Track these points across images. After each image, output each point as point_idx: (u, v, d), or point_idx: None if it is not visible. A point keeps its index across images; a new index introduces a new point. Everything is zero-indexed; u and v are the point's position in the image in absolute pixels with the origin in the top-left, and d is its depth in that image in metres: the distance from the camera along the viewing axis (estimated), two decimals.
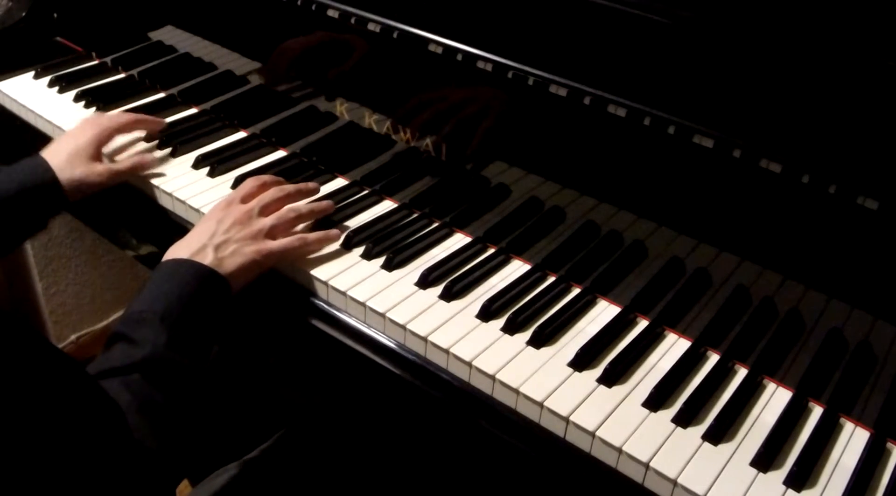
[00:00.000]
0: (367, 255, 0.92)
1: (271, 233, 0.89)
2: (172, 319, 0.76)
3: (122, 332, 0.75)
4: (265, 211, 0.91)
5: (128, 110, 1.19)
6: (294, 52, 1.07)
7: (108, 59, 1.34)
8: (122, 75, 1.31)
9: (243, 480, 0.90)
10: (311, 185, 0.98)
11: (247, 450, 0.95)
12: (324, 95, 1.06)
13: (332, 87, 1.05)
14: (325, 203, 0.96)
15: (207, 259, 0.83)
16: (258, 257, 0.86)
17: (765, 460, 0.71)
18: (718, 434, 0.73)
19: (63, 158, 0.97)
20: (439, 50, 0.89)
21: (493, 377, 0.78)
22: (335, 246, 0.94)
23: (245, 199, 0.92)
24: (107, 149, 1.05)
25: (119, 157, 1.07)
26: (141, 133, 1.12)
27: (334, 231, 0.93)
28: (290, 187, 0.95)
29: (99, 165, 1.00)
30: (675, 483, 0.69)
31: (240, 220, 0.88)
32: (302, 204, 0.95)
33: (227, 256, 0.84)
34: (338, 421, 0.98)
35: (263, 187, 0.94)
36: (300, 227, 0.94)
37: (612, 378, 0.78)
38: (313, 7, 0.99)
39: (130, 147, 1.10)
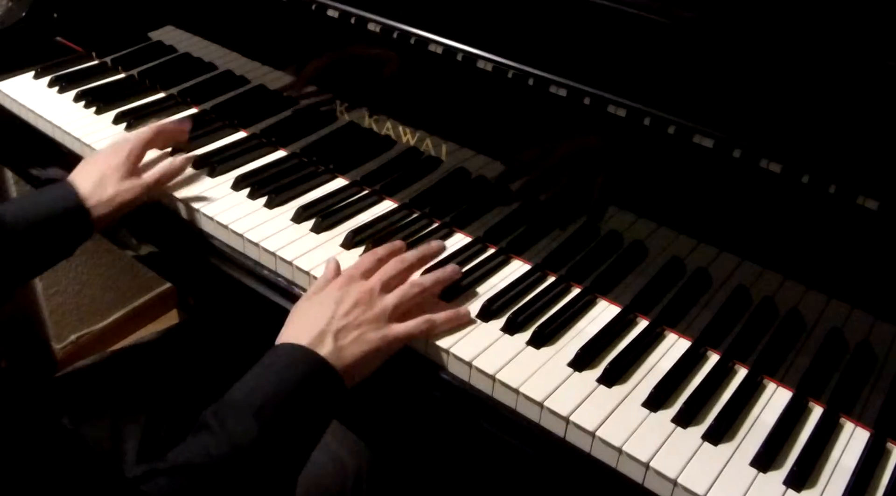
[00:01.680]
0: None
1: (395, 313, 0.81)
2: (268, 415, 0.69)
3: (208, 422, 0.68)
4: (387, 287, 0.82)
5: (130, 109, 1.19)
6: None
7: (108, 59, 1.34)
8: (122, 75, 1.31)
9: None
10: (433, 246, 0.90)
11: None
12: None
13: (332, 87, 1.05)
14: (450, 269, 0.87)
15: (325, 348, 0.75)
16: (382, 344, 0.78)
17: (765, 460, 0.71)
18: (718, 434, 0.73)
19: (91, 184, 0.93)
20: (439, 50, 0.89)
21: (493, 377, 0.78)
22: (335, 246, 0.94)
23: (365, 275, 0.84)
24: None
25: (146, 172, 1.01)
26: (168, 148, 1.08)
27: (464, 310, 0.84)
28: (410, 256, 0.87)
29: (127, 182, 0.96)
30: (675, 483, 0.69)
31: (361, 300, 0.80)
32: (427, 277, 0.85)
33: (347, 345, 0.76)
34: (336, 419, 0.98)
35: (382, 262, 0.86)
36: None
37: (612, 378, 0.78)
38: (313, 7, 0.99)
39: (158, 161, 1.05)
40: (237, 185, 1.04)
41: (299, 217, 0.98)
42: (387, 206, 1.03)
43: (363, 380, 0.79)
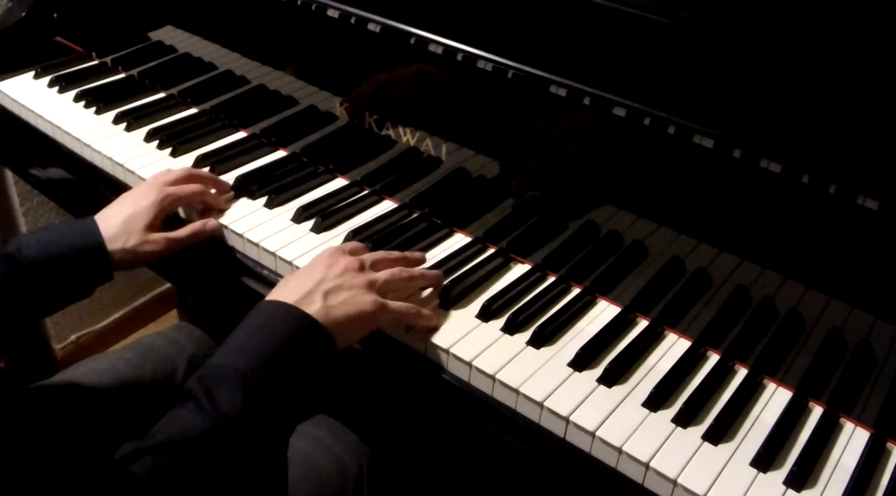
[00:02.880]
0: None
1: (384, 288, 0.80)
2: (255, 380, 0.66)
3: (193, 391, 0.66)
4: (375, 267, 0.82)
5: (130, 109, 1.19)
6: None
7: (108, 59, 1.34)
8: (122, 75, 1.31)
9: None
10: (417, 254, 0.90)
11: None
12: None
13: (332, 86, 1.05)
14: (435, 271, 0.87)
15: (314, 306, 0.73)
16: (373, 308, 0.76)
17: (765, 460, 0.71)
18: (718, 434, 0.73)
19: (117, 225, 0.88)
20: (439, 50, 0.89)
21: (493, 377, 0.78)
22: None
23: (353, 253, 0.83)
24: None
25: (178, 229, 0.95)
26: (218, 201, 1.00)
27: (434, 317, 0.83)
28: (397, 253, 0.87)
29: (154, 234, 0.90)
30: (675, 483, 0.69)
31: (351, 266, 0.79)
32: (415, 269, 0.86)
33: (337, 304, 0.74)
34: (336, 419, 0.98)
35: (367, 250, 0.87)
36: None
37: (612, 378, 0.78)
38: (313, 7, 0.99)
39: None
40: (237, 184, 1.04)
41: (299, 217, 0.98)
42: (387, 206, 1.03)
43: (365, 383, 0.78)
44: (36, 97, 1.23)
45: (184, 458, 0.63)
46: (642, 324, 0.86)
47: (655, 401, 0.76)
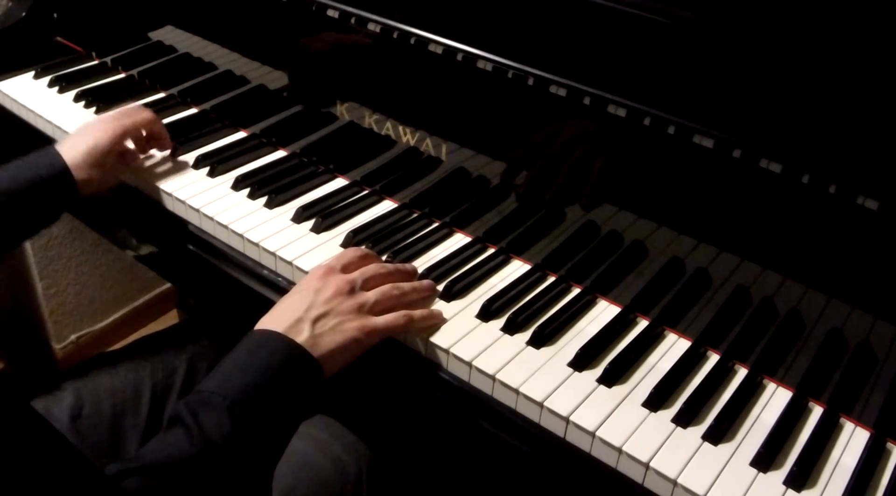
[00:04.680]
0: None
1: (374, 308, 0.80)
2: (242, 407, 0.67)
3: (181, 416, 0.67)
4: (366, 285, 0.82)
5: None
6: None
7: (108, 59, 1.34)
8: (122, 75, 1.31)
9: None
10: (409, 266, 0.90)
11: None
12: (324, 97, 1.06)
13: (331, 89, 1.05)
14: (426, 282, 0.87)
15: (302, 336, 0.74)
16: (360, 335, 0.77)
17: (765, 460, 0.71)
18: (718, 434, 0.73)
19: (79, 156, 0.95)
20: (439, 50, 0.89)
21: (493, 377, 0.78)
22: (335, 246, 0.94)
23: (346, 269, 0.83)
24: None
25: (134, 157, 1.06)
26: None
27: (437, 310, 0.84)
28: (390, 266, 0.87)
29: (112, 165, 0.99)
30: (675, 483, 0.69)
31: (341, 289, 0.79)
32: (406, 284, 0.85)
33: (325, 333, 0.75)
34: (336, 419, 0.98)
35: (365, 259, 0.86)
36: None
37: (612, 378, 0.78)
38: (313, 7, 0.99)
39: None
40: (237, 185, 1.04)
41: (299, 217, 0.98)
42: (387, 206, 1.03)
43: (364, 382, 0.78)
44: (36, 97, 1.23)
45: (170, 481, 0.64)
46: (642, 324, 0.86)
47: (655, 401, 0.76)
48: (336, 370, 0.76)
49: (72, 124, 1.16)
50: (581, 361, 0.79)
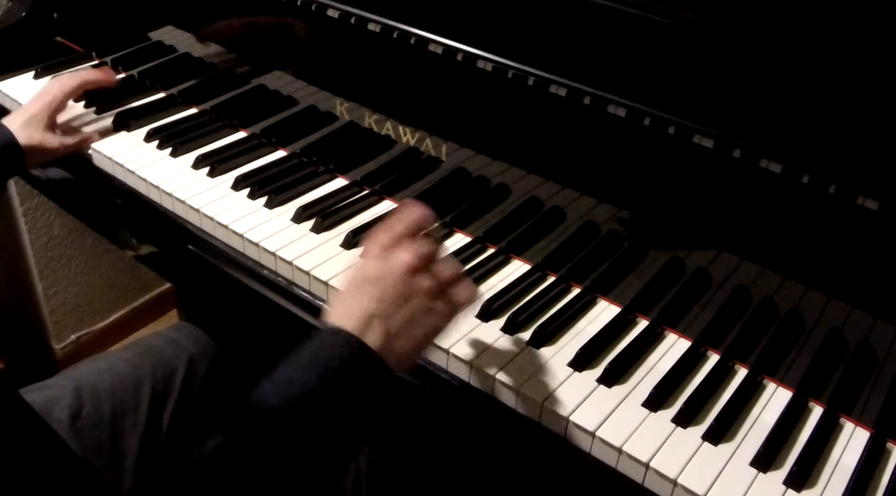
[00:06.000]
0: None
1: (437, 291, 0.69)
2: (298, 415, 0.60)
3: (232, 427, 0.60)
4: (425, 266, 0.69)
5: (130, 109, 1.19)
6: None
7: (108, 59, 1.34)
8: (121, 75, 1.31)
9: None
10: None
11: None
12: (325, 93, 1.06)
13: (332, 87, 1.05)
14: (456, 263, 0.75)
15: (374, 336, 0.64)
16: (439, 321, 0.68)
17: (765, 460, 0.71)
18: (718, 434, 0.73)
19: (19, 124, 1.03)
20: (439, 50, 0.89)
21: (492, 377, 0.78)
22: (335, 246, 0.94)
23: (405, 239, 0.70)
24: (61, 119, 1.11)
25: (73, 132, 1.13)
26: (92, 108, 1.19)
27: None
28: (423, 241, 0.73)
29: (51, 135, 1.06)
30: (675, 483, 0.69)
31: (411, 266, 0.67)
32: (453, 262, 0.73)
33: (402, 332, 0.65)
34: None
35: (414, 230, 0.72)
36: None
37: (612, 378, 0.78)
38: (313, 7, 0.99)
39: (81, 119, 1.18)
40: (237, 185, 1.04)
41: (299, 217, 0.98)
42: (387, 206, 1.03)
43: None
44: None
45: (218, 487, 0.59)
46: (642, 324, 0.86)
47: (655, 401, 0.76)
48: (412, 365, 0.68)
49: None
50: (581, 361, 0.79)
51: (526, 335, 0.83)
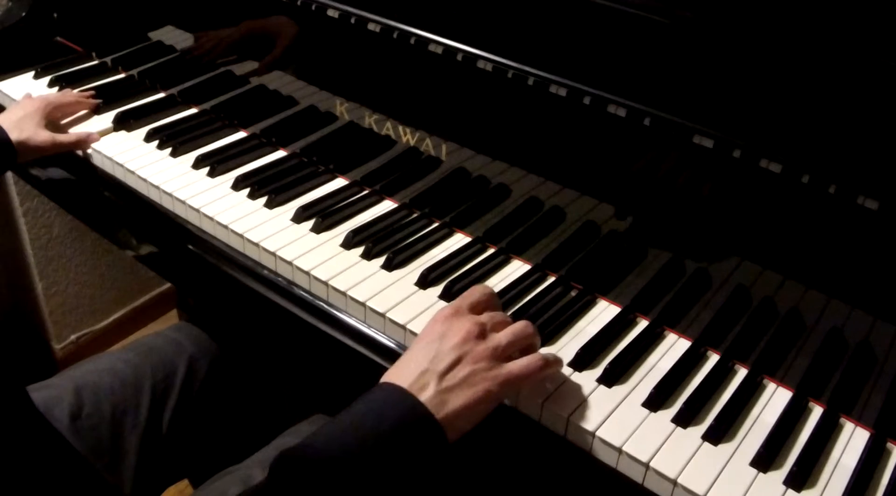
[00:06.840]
0: (367, 255, 0.92)
1: (504, 353, 0.70)
2: (350, 470, 0.60)
3: (285, 469, 0.60)
4: (496, 327, 0.72)
5: (130, 109, 1.19)
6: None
7: (108, 59, 1.34)
8: (122, 75, 1.31)
9: (245, 483, 0.90)
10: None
11: (248, 452, 0.95)
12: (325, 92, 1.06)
13: (332, 87, 1.05)
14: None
15: (427, 392, 0.64)
16: (494, 387, 0.67)
17: (765, 460, 0.71)
18: (718, 434, 0.73)
19: (11, 121, 1.06)
20: (439, 50, 0.89)
21: None
22: (335, 246, 0.94)
23: (473, 309, 0.73)
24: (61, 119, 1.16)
25: (65, 131, 1.15)
26: (86, 110, 1.20)
27: (560, 357, 0.77)
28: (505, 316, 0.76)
29: (44, 132, 1.08)
30: (675, 483, 0.69)
31: (471, 333, 0.69)
32: (530, 325, 0.74)
33: (454, 387, 0.65)
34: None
35: (493, 298, 0.76)
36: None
37: (612, 378, 0.78)
38: (313, 7, 0.99)
39: (78, 121, 1.19)
40: (237, 185, 1.04)
41: (299, 217, 0.98)
42: (387, 205, 1.03)
43: (363, 382, 0.77)
44: None
45: None
46: (642, 324, 0.86)
47: (655, 401, 0.76)
48: (466, 430, 0.66)
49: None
50: (581, 361, 0.79)
51: None
